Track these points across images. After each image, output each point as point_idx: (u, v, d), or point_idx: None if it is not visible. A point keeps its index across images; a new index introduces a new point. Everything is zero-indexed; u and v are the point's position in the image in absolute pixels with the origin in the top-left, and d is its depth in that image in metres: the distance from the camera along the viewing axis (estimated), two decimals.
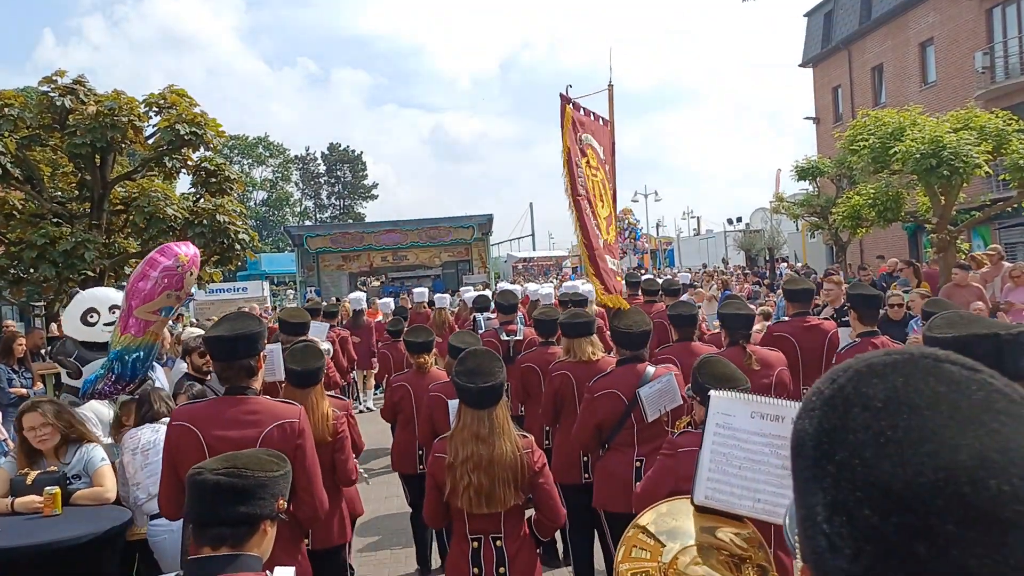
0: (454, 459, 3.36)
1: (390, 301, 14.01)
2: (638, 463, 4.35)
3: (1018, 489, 0.55)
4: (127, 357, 5.06)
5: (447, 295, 12.78)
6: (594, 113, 6.52)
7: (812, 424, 0.64)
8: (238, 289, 23.48)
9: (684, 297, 8.90)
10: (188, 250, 5.10)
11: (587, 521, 4.96)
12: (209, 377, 5.76)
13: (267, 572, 2.25)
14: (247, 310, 5.91)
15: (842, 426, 0.62)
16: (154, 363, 6.51)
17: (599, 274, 6.00)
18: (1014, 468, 0.56)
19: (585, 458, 4.99)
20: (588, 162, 6.27)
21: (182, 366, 6.69)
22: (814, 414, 0.65)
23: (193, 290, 13.52)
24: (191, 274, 5.08)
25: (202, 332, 7.17)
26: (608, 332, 5.78)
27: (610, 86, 6.51)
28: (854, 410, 0.62)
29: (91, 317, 5.75)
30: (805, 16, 33.54)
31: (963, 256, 13.59)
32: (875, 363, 0.65)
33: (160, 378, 6.43)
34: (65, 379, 5.69)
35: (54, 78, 11.19)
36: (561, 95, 6.13)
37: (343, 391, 9.83)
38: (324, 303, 12.43)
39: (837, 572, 0.58)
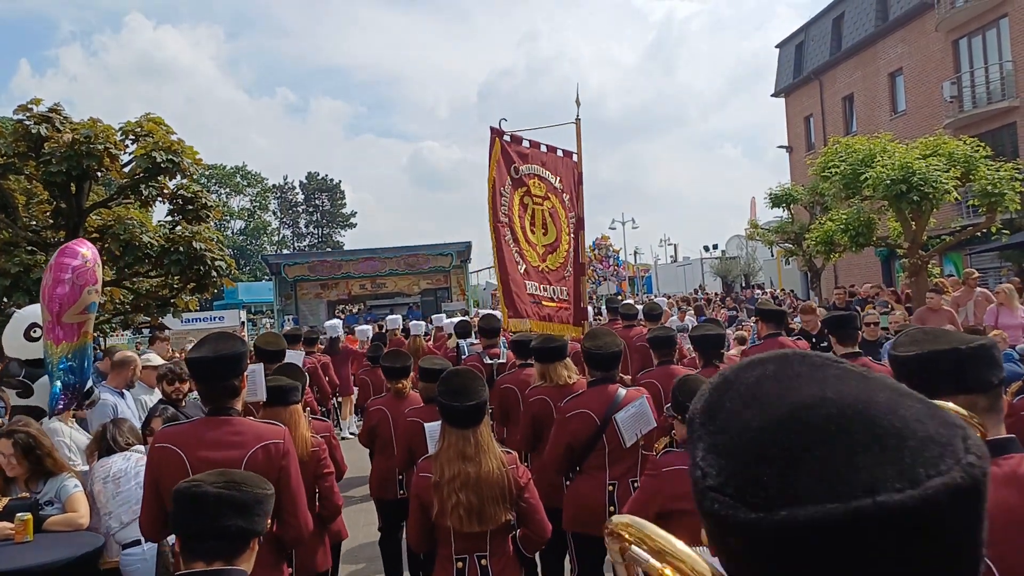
0: (440, 478, 3.35)
1: (368, 328, 13.97)
2: (611, 486, 4.33)
3: (841, 414, 0.67)
4: (74, 364, 5.00)
5: (422, 322, 12.78)
6: (547, 145, 6.71)
7: (699, 402, 0.77)
8: (215, 319, 23.27)
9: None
10: (86, 248, 5.12)
11: (560, 547, 4.94)
12: (183, 403, 5.68)
13: None
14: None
15: (719, 399, 0.75)
16: (123, 391, 6.43)
17: (508, 297, 6.19)
18: (845, 401, 0.68)
19: (567, 482, 4.98)
20: (529, 191, 6.48)
21: (140, 392, 6.57)
22: (703, 396, 0.78)
23: (168, 319, 13.41)
24: (99, 264, 5.10)
25: (160, 360, 7.05)
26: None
27: (577, 120, 6.65)
28: (732, 387, 0.75)
29: (34, 332, 5.67)
30: (777, 47, 34.20)
31: (934, 280, 13.81)
32: (754, 358, 0.79)
33: (130, 404, 6.33)
34: (15, 400, 5.59)
35: (29, 106, 11.14)
36: (492, 128, 6.34)
37: (325, 416, 9.76)
38: (305, 329, 12.38)
39: (707, 490, 0.69)
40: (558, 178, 6.71)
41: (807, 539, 0.63)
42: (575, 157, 6.79)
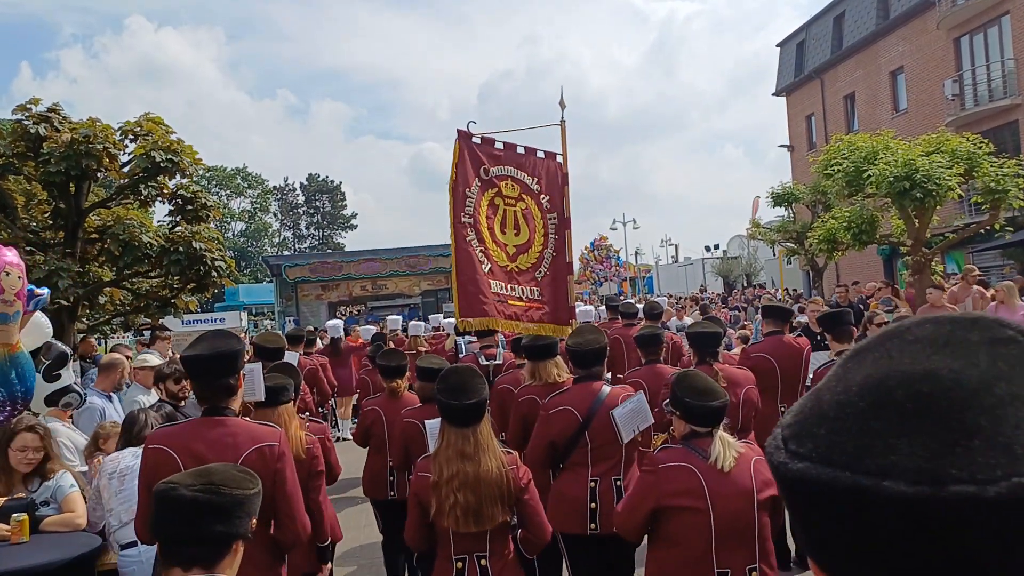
0: (439, 478, 3.30)
1: (371, 328, 13.98)
2: (592, 483, 4.28)
3: (931, 394, 0.62)
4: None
5: (420, 323, 12.76)
6: (525, 147, 6.77)
7: (867, 342, 0.73)
8: (216, 320, 23.22)
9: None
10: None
11: (557, 548, 4.89)
12: (183, 403, 5.66)
13: None
14: None
15: (866, 346, 0.71)
16: (111, 394, 6.38)
17: (463, 296, 6.24)
18: (942, 381, 0.62)
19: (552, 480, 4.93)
20: (500, 192, 6.57)
21: (134, 392, 6.57)
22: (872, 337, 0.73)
23: (169, 320, 13.36)
24: (7, 273, 4.91)
25: (157, 359, 7.04)
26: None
27: (562, 122, 6.72)
28: (891, 338, 0.70)
29: None
30: (778, 46, 34.15)
31: (938, 278, 13.74)
32: (940, 316, 0.72)
33: (117, 408, 6.30)
34: None
35: (28, 106, 11.09)
36: (459, 131, 6.43)
37: (323, 418, 9.72)
38: (307, 329, 12.36)
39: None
40: (535, 179, 6.76)
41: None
42: (559, 158, 6.83)
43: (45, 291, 5.73)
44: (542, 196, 6.78)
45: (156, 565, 3.96)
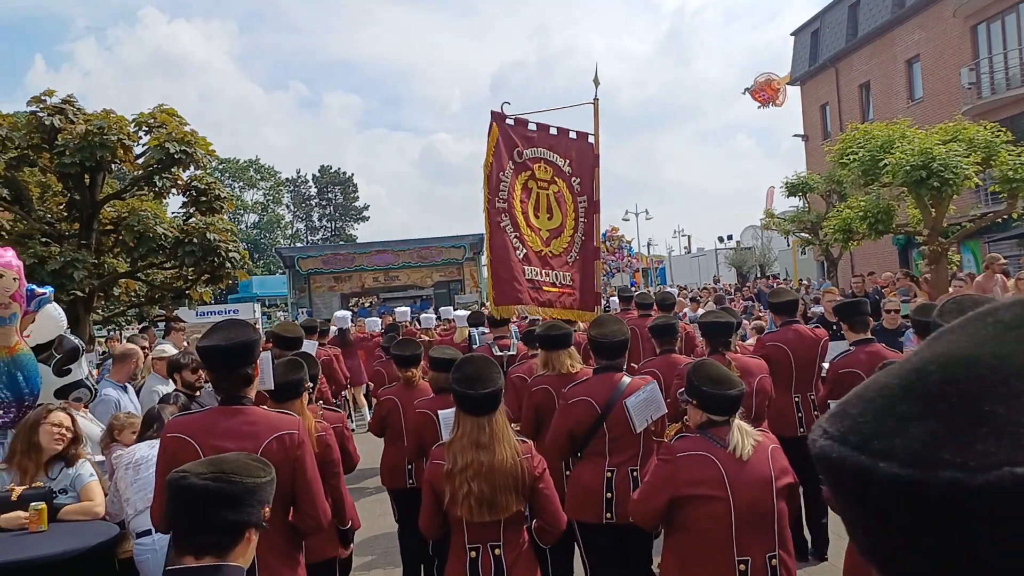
0: (453, 467, 3.30)
1: (377, 320, 14.00)
2: (609, 473, 4.27)
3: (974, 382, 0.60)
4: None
5: (432, 314, 12.77)
6: (557, 128, 6.59)
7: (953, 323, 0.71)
8: (229, 312, 23.26)
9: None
10: None
11: (568, 534, 4.89)
12: (199, 393, 5.70)
13: None
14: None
15: (950, 327, 0.68)
16: (125, 385, 6.42)
17: (497, 283, 6.11)
18: (978, 367, 0.61)
19: (567, 471, 4.92)
20: (533, 175, 6.38)
21: (152, 382, 6.60)
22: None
23: (183, 312, 13.42)
24: (0, 276, 4.90)
25: (175, 350, 7.08)
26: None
27: (595, 100, 6.54)
28: (975, 320, 0.67)
29: None
30: (792, 35, 33.89)
31: (954, 268, 13.63)
32: None
33: (132, 399, 6.34)
34: None
35: (43, 98, 11.15)
36: (493, 112, 6.25)
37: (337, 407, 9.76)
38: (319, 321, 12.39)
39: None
40: (567, 161, 6.60)
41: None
42: (591, 139, 6.69)
43: (48, 290, 5.73)
44: (573, 178, 6.62)
45: (169, 553, 3.98)
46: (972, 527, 0.57)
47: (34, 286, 5.50)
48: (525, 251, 6.28)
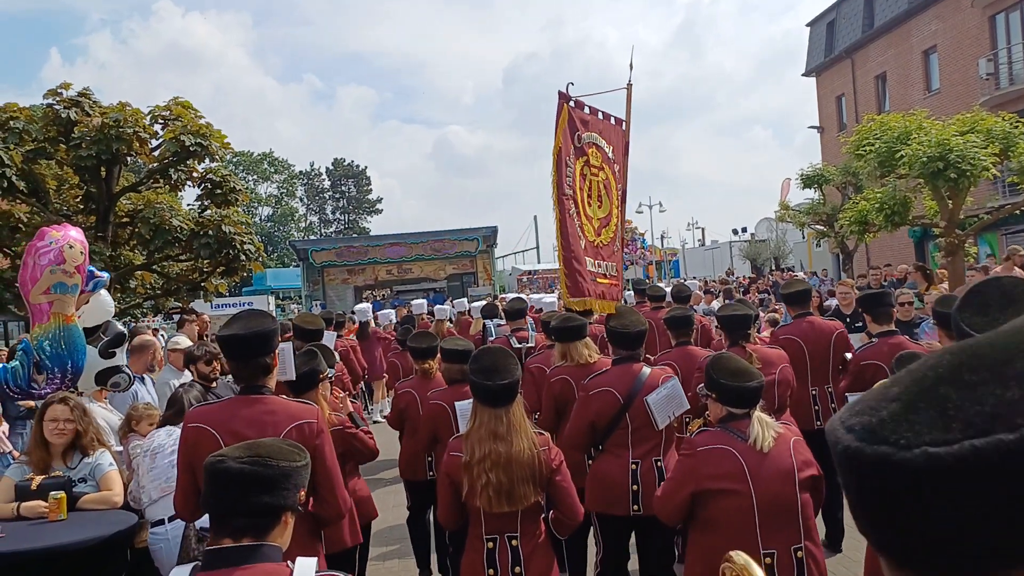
0: (471, 458, 3.30)
1: (391, 312, 14.02)
2: (634, 465, 4.25)
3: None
4: (45, 344, 4.96)
5: (446, 307, 12.78)
6: (603, 112, 6.44)
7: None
8: (244, 304, 23.43)
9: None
10: (61, 232, 5.04)
11: (583, 527, 4.88)
12: (215, 384, 5.73)
13: (288, 563, 2.17)
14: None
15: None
16: (143, 375, 6.45)
17: (571, 275, 5.89)
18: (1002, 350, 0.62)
19: (589, 461, 4.91)
20: (588, 161, 6.17)
21: (168, 375, 6.64)
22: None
23: (198, 305, 13.49)
24: (70, 247, 4.94)
25: (189, 342, 7.11)
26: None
27: (629, 85, 6.41)
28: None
29: None
30: (808, 26, 33.62)
31: (971, 260, 13.50)
32: None
33: (150, 389, 6.37)
34: None
35: (59, 91, 11.21)
36: (560, 93, 6.03)
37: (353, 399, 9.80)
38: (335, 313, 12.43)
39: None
40: (611, 148, 6.42)
41: None
42: (623, 126, 6.56)
43: (105, 275, 5.80)
44: (615, 165, 6.47)
45: (183, 542, 4.01)
46: (901, 502, 0.60)
47: (93, 268, 5.57)
48: (584, 241, 6.08)
